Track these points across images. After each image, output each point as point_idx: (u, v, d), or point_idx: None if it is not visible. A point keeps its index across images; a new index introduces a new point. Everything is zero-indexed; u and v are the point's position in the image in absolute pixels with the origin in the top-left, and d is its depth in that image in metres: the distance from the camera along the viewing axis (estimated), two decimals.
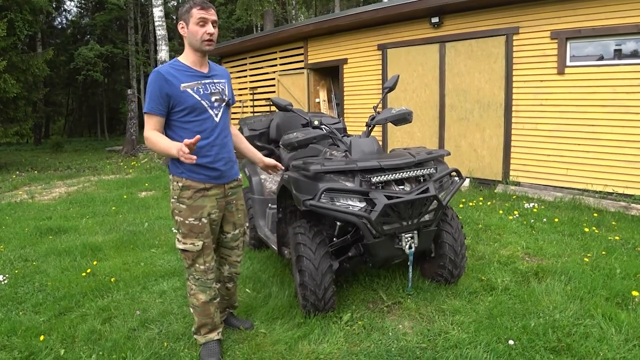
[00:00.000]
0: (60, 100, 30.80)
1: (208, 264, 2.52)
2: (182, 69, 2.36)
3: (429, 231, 3.02)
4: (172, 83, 2.30)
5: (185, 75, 2.35)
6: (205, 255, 2.49)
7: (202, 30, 2.31)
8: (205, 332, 2.63)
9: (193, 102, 2.34)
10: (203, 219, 2.43)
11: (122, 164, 12.98)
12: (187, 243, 2.44)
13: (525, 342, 2.62)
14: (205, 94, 2.38)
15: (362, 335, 2.83)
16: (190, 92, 2.33)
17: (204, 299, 2.55)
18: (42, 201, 7.61)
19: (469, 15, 7.13)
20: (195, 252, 2.45)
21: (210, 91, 2.41)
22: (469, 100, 7.31)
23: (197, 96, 2.35)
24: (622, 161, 5.84)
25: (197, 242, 2.44)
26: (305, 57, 10.27)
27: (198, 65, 2.41)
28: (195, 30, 2.31)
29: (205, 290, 2.54)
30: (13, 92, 12.28)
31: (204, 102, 2.37)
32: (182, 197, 2.42)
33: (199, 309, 2.56)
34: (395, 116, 3.28)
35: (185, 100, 2.32)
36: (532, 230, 4.83)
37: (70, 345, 2.81)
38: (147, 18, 27.30)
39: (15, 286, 3.77)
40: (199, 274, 2.51)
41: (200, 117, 2.36)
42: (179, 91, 2.31)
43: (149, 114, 2.31)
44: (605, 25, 5.80)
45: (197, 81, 2.37)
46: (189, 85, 2.33)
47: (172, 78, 2.30)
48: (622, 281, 3.39)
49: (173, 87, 2.30)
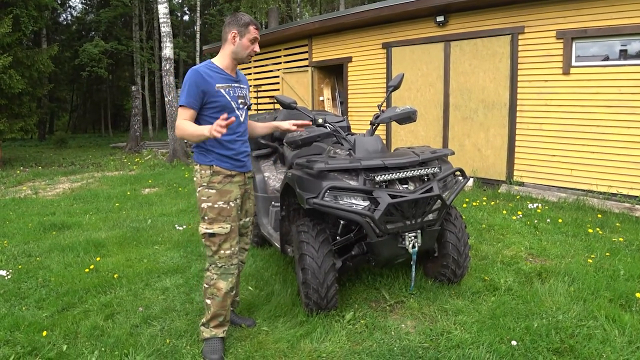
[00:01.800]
0: (65, 96, 30.91)
1: (233, 249, 2.63)
2: (216, 71, 2.57)
3: (432, 230, 3.01)
4: (208, 82, 2.50)
5: (219, 77, 2.57)
6: (231, 239, 2.61)
7: (252, 47, 2.61)
8: (214, 325, 2.65)
9: (225, 102, 2.56)
10: (231, 202, 2.60)
11: (126, 161, 13.02)
12: (215, 227, 2.56)
13: (528, 342, 2.62)
14: (234, 96, 2.62)
15: (365, 334, 2.82)
16: (223, 92, 2.56)
17: (225, 289, 2.62)
18: (46, 197, 7.64)
19: (474, 14, 7.10)
20: (223, 236, 2.57)
21: (238, 94, 2.66)
22: (474, 100, 7.28)
23: (228, 97, 2.58)
24: (627, 162, 5.82)
25: (225, 225, 2.57)
26: (310, 55, 10.26)
27: (230, 70, 2.64)
28: (246, 44, 2.59)
29: (227, 277, 2.62)
30: (18, 88, 12.32)
31: (233, 102, 2.61)
32: (212, 182, 2.58)
33: (218, 298, 2.62)
34: (400, 115, 3.27)
35: (219, 99, 2.54)
36: (536, 230, 4.82)
37: (72, 341, 2.82)
38: (152, 15, 27.30)
39: (19, 281, 3.78)
40: (222, 261, 2.60)
41: (229, 115, 2.53)
42: (214, 90, 2.52)
43: (185, 107, 2.48)
44: (611, 26, 5.77)
45: (228, 84, 2.60)
46: (222, 86, 2.56)
47: (208, 77, 2.51)
48: (625, 283, 3.37)
49: (209, 86, 2.50)
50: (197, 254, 4.35)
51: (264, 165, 4.39)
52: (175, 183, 8.51)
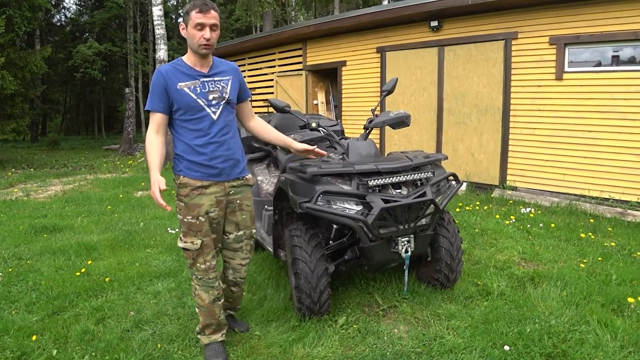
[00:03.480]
0: (58, 97, 30.68)
1: (208, 263, 2.49)
2: (181, 69, 2.39)
3: (425, 235, 3.01)
4: (170, 82, 2.33)
5: (183, 74, 2.37)
6: (205, 254, 2.47)
7: (200, 34, 2.30)
8: (209, 333, 2.62)
9: (188, 101, 2.35)
10: (201, 217, 2.42)
11: (119, 163, 12.95)
12: (187, 242, 2.45)
13: (521, 347, 2.62)
14: (203, 92, 2.38)
15: (357, 339, 2.81)
16: (186, 90, 2.35)
17: (208, 300, 2.54)
18: (38, 199, 7.57)
19: (468, 20, 7.14)
20: (194, 251, 2.46)
21: (209, 89, 2.40)
22: (467, 105, 7.31)
23: (193, 95, 2.36)
24: (618, 167, 5.86)
25: (195, 241, 2.44)
26: (304, 58, 10.27)
27: (198, 65, 2.41)
28: (193, 33, 2.31)
29: (207, 290, 2.53)
30: (10, 89, 12.23)
31: (200, 100, 2.37)
32: (180, 194, 2.45)
33: (204, 309, 2.56)
34: (394, 119, 3.27)
35: (181, 99, 2.34)
36: (529, 235, 4.84)
37: (62, 346, 2.79)
38: (146, 17, 27.21)
39: (9, 285, 3.74)
40: (200, 274, 2.50)
41: (196, 115, 2.38)
42: (176, 90, 2.34)
43: (150, 112, 2.36)
44: (604, 32, 5.83)
45: (194, 80, 2.38)
46: (185, 84, 2.35)
47: (171, 76, 2.34)
48: (617, 287, 3.39)
49: (171, 85, 2.33)
50: None
51: (257, 169, 4.37)
52: (168, 186, 8.43)
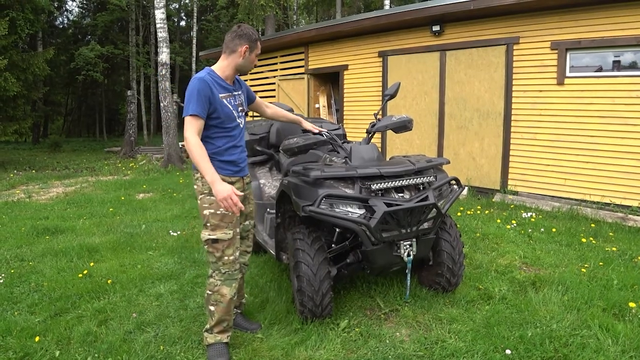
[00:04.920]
0: (60, 99, 30.73)
1: (235, 254, 2.64)
2: (218, 81, 2.60)
3: (427, 239, 3.02)
4: (214, 92, 2.53)
5: (221, 87, 2.61)
6: (234, 244, 2.63)
7: (255, 61, 2.73)
8: (218, 331, 2.65)
9: (228, 112, 2.61)
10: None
11: (120, 165, 12.96)
12: (218, 233, 2.57)
13: (522, 352, 2.62)
14: (235, 105, 2.66)
15: (359, 342, 2.82)
16: (225, 102, 2.60)
17: (229, 294, 2.61)
18: (40, 201, 7.59)
19: (470, 24, 7.16)
20: (226, 242, 2.59)
21: (238, 102, 2.71)
22: (469, 109, 7.33)
23: (230, 106, 2.62)
24: (620, 172, 5.86)
25: (227, 231, 2.59)
26: (306, 62, 10.30)
27: (230, 80, 2.68)
28: (253, 59, 2.69)
29: (230, 283, 2.63)
30: (13, 91, 12.29)
31: (234, 112, 2.65)
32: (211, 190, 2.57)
33: (222, 304, 2.62)
34: (396, 124, 3.29)
35: (222, 109, 2.57)
36: (530, 239, 4.84)
37: (65, 347, 2.80)
38: (148, 20, 27.31)
39: (11, 286, 3.75)
40: (226, 267, 2.61)
41: (232, 124, 2.64)
42: (219, 100, 2.55)
43: (195, 116, 2.46)
44: (605, 37, 5.84)
45: (229, 93, 2.64)
46: (224, 96, 2.60)
47: (214, 87, 2.54)
48: (619, 292, 3.39)
49: (214, 95, 2.53)
50: (192, 260, 4.33)
51: (260, 172, 4.38)
52: (170, 188, 8.48)
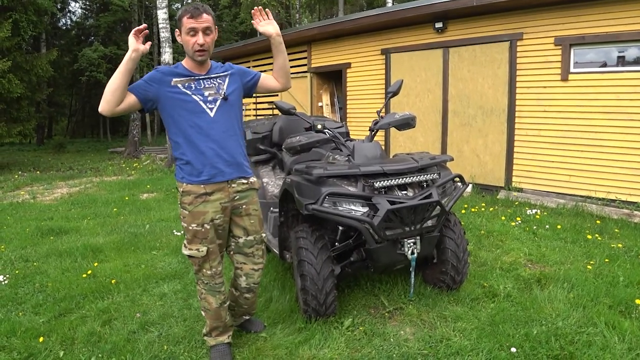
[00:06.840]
0: (64, 100, 30.84)
1: (215, 269, 2.50)
2: (178, 70, 2.39)
3: (431, 237, 3.00)
4: (165, 78, 2.33)
5: (178, 74, 2.38)
6: (211, 260, 2.48)
7: (193, 40, 2.30)
8: (216, 335, 2.63)
9: (182, 96, 2.34)
10: (206, 224, 2.41)
11: (124, 166, 12.99)
12: (192, 249, 2.44)
13: (528, 349, 2.61)
14: (198, 89, 2.37)
15: (364, 341, 2.81)
16: (180, 86, 2.34)
17: (215, 304, 2.55)
18: (44, 202, 7.62)
19: (473, 21, 7.13)
20: (200, 258, 2.45)
21: (204, 86, 2.39)
22: (472, 106, 7.29)
23: (188, 91, 2.35)
24: (625, 168, 5.82)
25: (201, 248, 2.43)
26: (309, 60, 10.28)
27: (196, 69, 2.42)
28: (186, 40, 2.32)
29: (214, 294, 2.54)
30: (17, 92, 12.32)
31: (195, 96, 2.36)
32: (183, 202, 2.42)
33: (211, 312, 2.57)
34: (399, 121, 3.27)
35: (175, 94, 2.33)
36: (535, 236, 4.81)
37: (69, 347, 2.80)
38: (151, 20, 27.29)
39: (16, 286, 3.76)
40: (207, 279, 2.51)
41: (193, 110, 2.36)
42: (170, 85, 2.33)
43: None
44: (609, 32, 5.80)
45: (187, 78, 2.37)
46: (179, 80, 2.35)
47: (168, 74, 2.35)
48: (625, 289, 3.36)
49: (163, 79, 2.32)
50: None
51: (263, 170, 4.38)
52: (174, 188, 8.48)
